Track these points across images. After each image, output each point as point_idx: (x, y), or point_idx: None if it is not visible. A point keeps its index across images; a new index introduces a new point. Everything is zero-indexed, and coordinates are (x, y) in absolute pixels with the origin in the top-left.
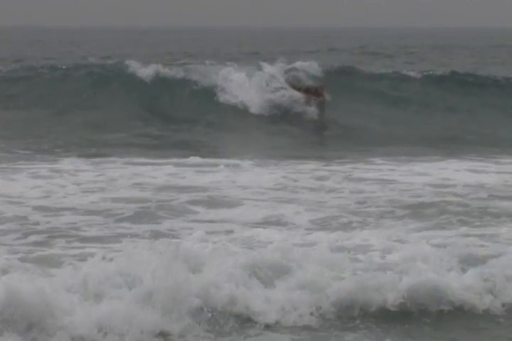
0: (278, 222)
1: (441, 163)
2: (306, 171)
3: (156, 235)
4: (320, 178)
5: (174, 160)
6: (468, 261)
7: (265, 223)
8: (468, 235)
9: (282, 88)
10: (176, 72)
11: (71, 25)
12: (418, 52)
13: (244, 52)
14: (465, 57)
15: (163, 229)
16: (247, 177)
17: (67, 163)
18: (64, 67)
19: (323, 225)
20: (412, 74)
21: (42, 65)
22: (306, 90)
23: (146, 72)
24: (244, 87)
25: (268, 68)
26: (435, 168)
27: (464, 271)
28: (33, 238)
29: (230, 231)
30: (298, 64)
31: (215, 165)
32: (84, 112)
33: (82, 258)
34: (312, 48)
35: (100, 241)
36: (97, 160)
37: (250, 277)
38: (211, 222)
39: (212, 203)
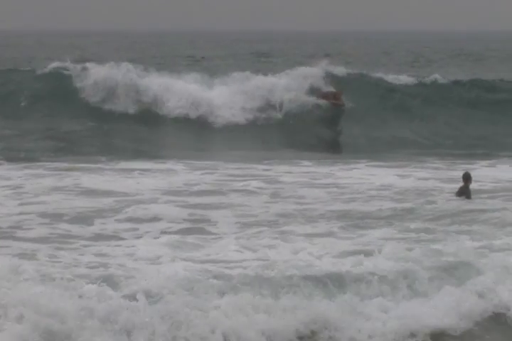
0: (203, 225)
1: (373, 168)
2: (238, 175)
3: (98, 238)
4: (254, 181)
5: (103, 165)
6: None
7: (190, 228)
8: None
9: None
10: (110, 73)
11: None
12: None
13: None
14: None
15: (99, 229)
16: (177, 181)
17: None
18: None
19: (248, 229)
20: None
21: None
22: (324, 96)
23: (77, 72)
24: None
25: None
26: (370, 173)
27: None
28: None
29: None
30: (304, 69)
31: (146, 169)
32: (9, 116)
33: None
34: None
35: (42, 242)
36: (26, 164)
37: None
38: (139, 222)
39: (140, 206)
